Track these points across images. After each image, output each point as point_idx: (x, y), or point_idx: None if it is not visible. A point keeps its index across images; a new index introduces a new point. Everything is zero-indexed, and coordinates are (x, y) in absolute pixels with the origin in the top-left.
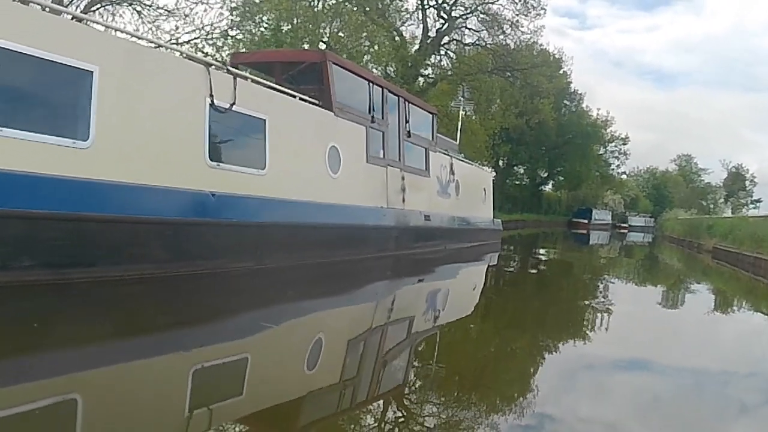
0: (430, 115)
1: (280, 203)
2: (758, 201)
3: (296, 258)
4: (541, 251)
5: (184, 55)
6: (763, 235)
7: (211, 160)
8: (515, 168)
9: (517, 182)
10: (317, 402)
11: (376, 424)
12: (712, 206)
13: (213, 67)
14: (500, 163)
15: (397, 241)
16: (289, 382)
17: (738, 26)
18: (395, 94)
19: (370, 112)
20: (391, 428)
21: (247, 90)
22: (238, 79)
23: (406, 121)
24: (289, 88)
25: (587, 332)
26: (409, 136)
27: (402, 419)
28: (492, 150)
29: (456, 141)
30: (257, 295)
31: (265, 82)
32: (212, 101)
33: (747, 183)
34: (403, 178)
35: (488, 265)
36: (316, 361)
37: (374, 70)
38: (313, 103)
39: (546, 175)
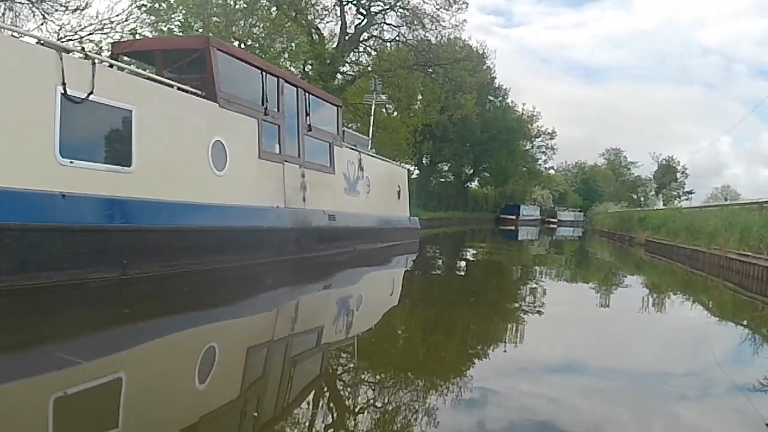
0: (335, 108)
1: (150, 205)
2: (690, 192)
3: (173, 266)
4: (466, 250)
5: (37, 41)
6: (699, 226)
7: (63, 156)
8: (439, 165)
9: (441, 179)
10: None
11: None
12: (642, 199)
13: (67, 52)
14: (424, 160)
15: (298, 244)
16: None
17: (669, 20)
18: (293, 85)
19: (263, 103)
20: None
21: (109, 78)
22: (97, 65)
23: (307, 114)
24: (170, 78)
25: (513, 338)
26: (310, 130)
27: None
28: (414, 147)
29: (368, 137)
30: (103, 312)
31: (133, 70)
32: (65, 90)
33: (678, 175)
34: (303, 175)
35: (404, 269)
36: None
37: (291, 69)
38: (195, 94)
39: (471, 171)
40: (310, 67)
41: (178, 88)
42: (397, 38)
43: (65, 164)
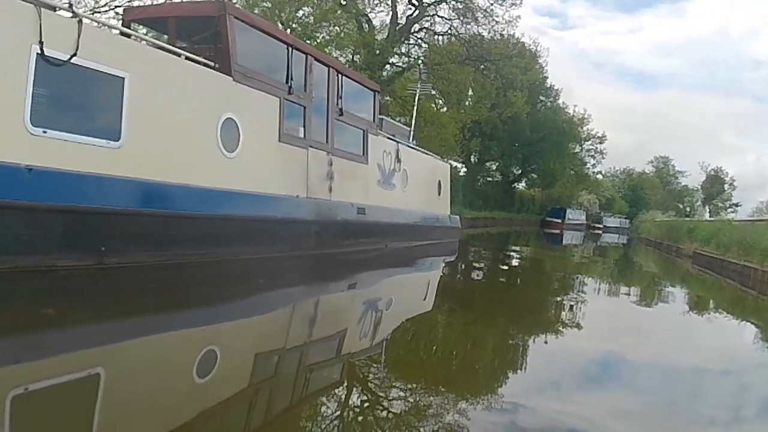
0: (371, 93)
1: (139, 185)
2: (737, 205)
3: (164, 256)
4: (509, 254)
5: None
6: (752, 241)
7: (34, 125)
8: (487, 164)
9: (489, 179)
10: None
11: None
12: (688, 209)
13: (51, 9)
14: (472, 158)
15: (319, 238)
16: None
17: (721, 30)
18: (324, 64)
19: (287, 81)
20: None
21: (99, 40)
22: (84, 24)
23: (339, 97)
24: (184, 48)
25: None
26: (342, 115)
27: None
28: (463, 144)
29: (409, 127)
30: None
31: (134, 34)
32: (41, 50)
33: (726, 186)
34: (330, 164)
35: (437, 272)
36: None
37: (339, 58)
38: (206, 65)
39: (519, 172)
40: (358, 56)
41: (186, 58)
42: (449, 31)
43: (36, 134)
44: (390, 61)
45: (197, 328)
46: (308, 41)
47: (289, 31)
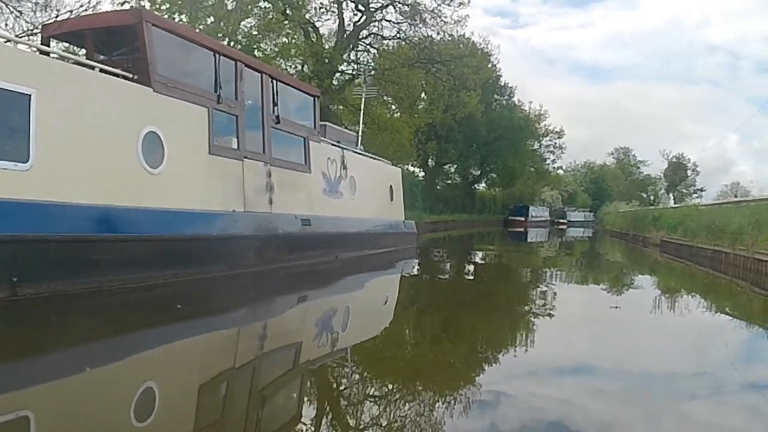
0: (311, 98)
1: (53, 209)
2: (701, 190)
3: (84, 285)
4: (471, 256)
5: None
6: (721, 225)
7: None
8: (445, 167)
9: (448, 181)
10: None
11: None
12: (652, 198)
13: None
14: (429, 162)
15: (260, 254)
16: None
17: (674, 19)
18: (256, 70)
19: (216, 90)
20: None
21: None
22: None
23: (275, 104)
24: (102, 62)
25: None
26: (279, 123)
27: None
28: (419, 148)
29: (355, 133)
30: None
31: (46, 49)
32: None
33: (689, 172)
34: (269, 174)
35: (396, 280)
36: None
37: (287, 69)
38: (123, 77)
39: (479, 173)
40: (307, 66)
41: (101, 70)
42: (398, 35)
43: None
44: (340, 69)
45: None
46: (255, 54)
47: (233, 44)
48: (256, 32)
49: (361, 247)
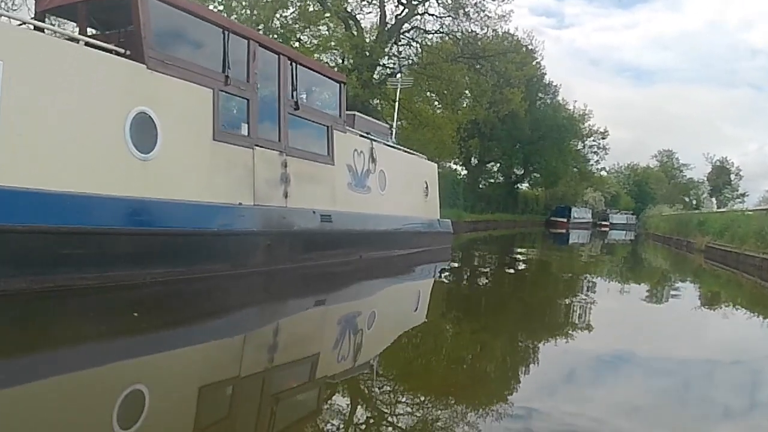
0: (337, 84)
1: (14, 196)
2: (744, 195)
3: (52, 281)
4: (509, 260)
5: None
6: None
7: None
8: (488, 165)
9: (491, 180)
10: None
11: None
12: (694, 202)
13: None
14: (472, 160)
15: (270, 252)
16: None
17: (715, 22)
18: (273, 51)
19: (224, 70)
20: None
21: None
22: None
23: (293, 89)
24: (94, 37)
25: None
26: (297, 109)
27: None
28: (461, 146)
29: (388, 125)
30: None
31: (31, 21)
32: None
33: (732, 177)
34: (285, 165)
35: (427, 287)
36: None
37: (327, 62)
38: (114, 52)
39: (522, 172)
40: (347, 59)
41: (87, 44)
42: (441, 29)
43: None
44: (381, 63)
45: None
46: (294, 46)
47: (270, 35)
48: (294, 23)
49: (390, 247)
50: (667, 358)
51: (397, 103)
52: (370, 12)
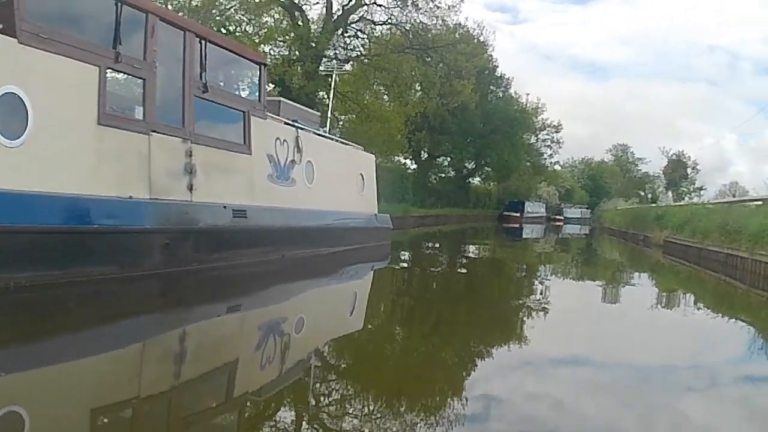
0: (256, 66)
1: None
2: (701, 188)
3: None
4: (456, 257)
5: None
6: (737, 225)
7: None
8: (438, 159)
9: (441, 175)
10: None
11: None
12: (650, 196)
13: None
14: (422, 154)
15: (169, 252)
16: None
17: (672, 18)
18: (179, 27)
19: (114, 45)
20: None
21: None
22: None
23: (202, 69)
24: None
25: None
26: (206, 91)
27: None
28: (410, 139)
29: (320, 113)
30: None
31: None
32: None
33: (689, 170)
34: (189, 154)
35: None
36: None
37: (272, 53)
38: None
39: (473, 166)
40: (293, 51)
41: None
42: (389, 20)
43: None
44: (326, 54)
45: None
46: (238, 37)
47: (211, 25)
48: (237, 12)
49: (319, 245)
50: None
51: (332, 91)
52: (317, 2)
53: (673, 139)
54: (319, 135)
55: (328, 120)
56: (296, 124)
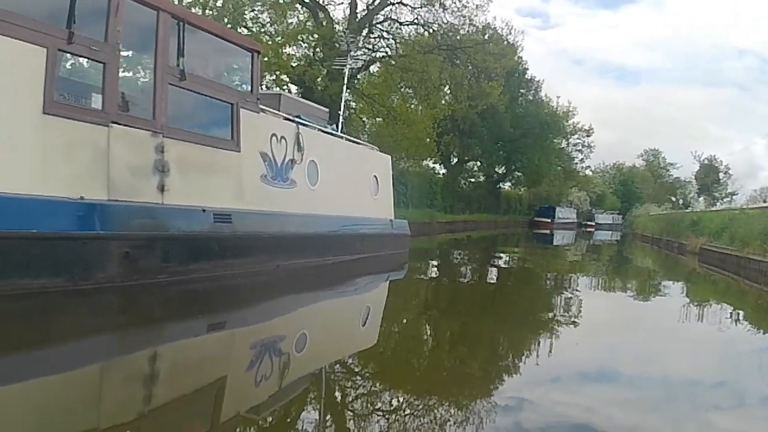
0: (248, 54)
1: None
2: (733, 194)
3: None
4: (484, 268)
5: None
6: None
7: None
8: (468, 164)
9: (471, 180)
10: None
11: None
12: (681, 201)
13: None
14: (451, 159)
15: (131, 262)
16: None
17: (701, 22)
18: (150, 6)
19: (68, 24)
20: None
21: None
22: None
23: (180, 55)
24: None
25: None
26: (183, 79)
27: None
28: (438, 143)
29: (328, 110)
30: None
31: None
32: None
33: (721, 175)
34: (161, 149)
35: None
36: None
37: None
38: None
39: (504, 171)
40: (318, 53)
41: None
42: (416, 21)
43: None
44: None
45: None
46: (263, 40)
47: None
48: (264, 14)
49: (322, 254)
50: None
51: (345, 86)
52: (341, 2)
53: (702, 144)
54: (325, 132)
55: (340, 117)
56: (297, 120)
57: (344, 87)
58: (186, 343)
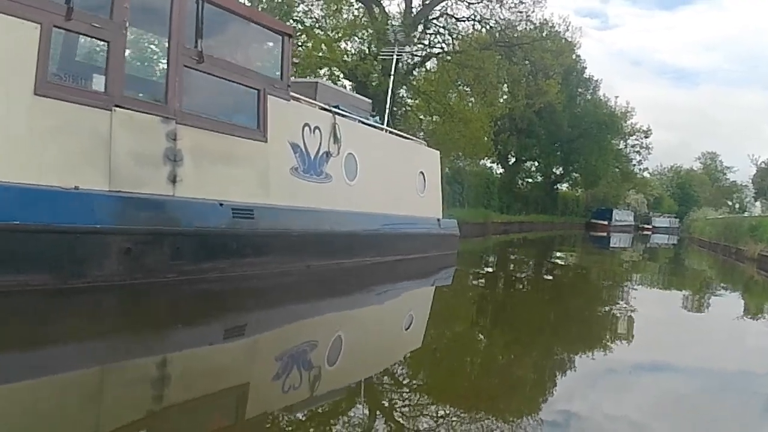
0: (278, 37)
1: None
2: None
3: None
4: (540, 269)
5: None
6: None
7: None
8: (526, 164)
9: (529, 180)
10: None
11: None
12: (737, 206)
13: None
14: (509, 158)
15: (134, 259)
16: None
17: (761, 22)
18: None
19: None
20: None
21: None
22: None
23: (198, 36)
24: None
25: None
26: (201, 62)
27: None
28: (497, 142)
29: (369, 100)
30: None
31: None
32: None
33: None
34: (173, 136)
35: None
36: None
37: (348, 48)
38: None
39: (561, 172)
40: (372, 48)
41: None
42: (472, 17)
43: None
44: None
45: None
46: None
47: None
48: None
49: (360, 254)
50: None
51: (392, 78)
52: None
53: (760, 147)
54: (366, 124)
55: (387, 110)
56: (335, 110)
57: (391, 77)
58: (193, 352)
